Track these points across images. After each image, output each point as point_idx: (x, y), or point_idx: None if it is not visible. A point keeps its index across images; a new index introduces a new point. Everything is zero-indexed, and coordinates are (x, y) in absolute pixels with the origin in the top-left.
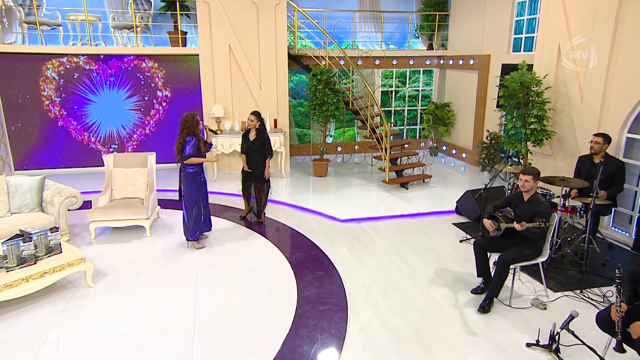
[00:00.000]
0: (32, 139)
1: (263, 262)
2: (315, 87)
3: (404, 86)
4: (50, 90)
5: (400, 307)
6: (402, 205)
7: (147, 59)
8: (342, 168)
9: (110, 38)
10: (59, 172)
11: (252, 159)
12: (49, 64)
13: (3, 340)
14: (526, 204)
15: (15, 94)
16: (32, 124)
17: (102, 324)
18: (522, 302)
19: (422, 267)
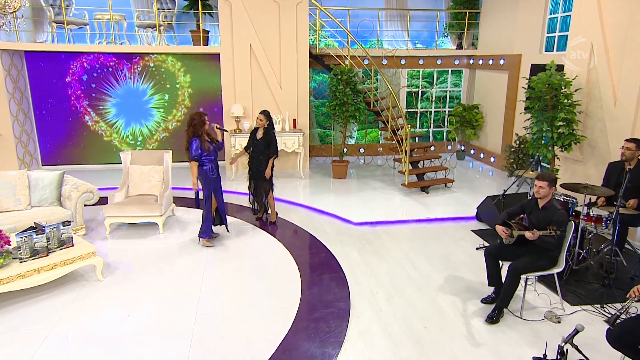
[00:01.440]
0: (59, 135)
1: (270, 263)
2: (336, 87)
3: (430, 87)
4: (76, 88)
5: (404, 314)
6: (420, 210)
7: (170, 58)
8: (363, 170)
9: (135, 37)
10: (83, 168)
11: (256, 158)
12: (76, 63)
13: (12, 327)
14: (541, 211)
15: (45, 91)
16: (59, 120)
17: (106, 317)
18: (534, 314)
19: (432, 273)
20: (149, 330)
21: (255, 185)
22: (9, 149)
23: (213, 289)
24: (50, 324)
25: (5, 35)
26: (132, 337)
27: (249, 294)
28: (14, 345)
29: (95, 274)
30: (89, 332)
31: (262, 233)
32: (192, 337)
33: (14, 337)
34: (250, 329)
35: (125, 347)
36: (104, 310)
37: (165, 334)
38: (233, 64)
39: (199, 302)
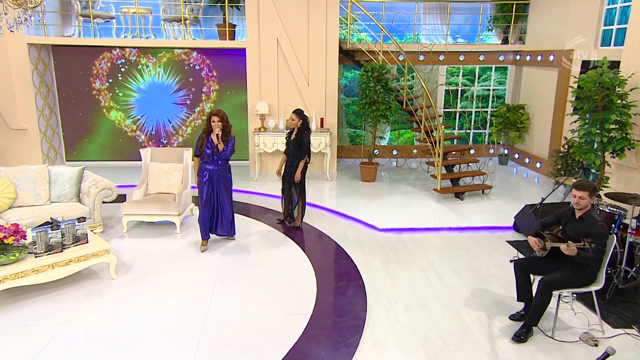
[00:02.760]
0: (83, 130)
1: (287, 267)
2: (366, 85)
3: (472, 85)
4: (101, 83)
5: (423, 326)
6: (452, 218)
7: (195, 52)
8: (395, 173)
9: (160, 31)
10: (106, 164)
11: (288, 160)
12: (101, 57)
13: (24, 322)
14: (577, 222)
15: (71, 85)
16: (83, 115)
17: (116, 317)
18: (569, 335)
19: (458, 285)
20: (158, 330)
21: (286, 189)
22: (34, 143)
23: (226, 292)
24: (61, 321)
25: (34, 30)
26: (141, 337)
27: (262, 299)
28: (24, 340)
29: (109, 272)
30: (98, 331)
31: (283, 237)
32: (200, 339)
33: (24, 332)
34: (260, 334)
35: (133, 347)
36: (115, 309)
37: (174, 336)
38: (259, 60)
39: (210, 304)
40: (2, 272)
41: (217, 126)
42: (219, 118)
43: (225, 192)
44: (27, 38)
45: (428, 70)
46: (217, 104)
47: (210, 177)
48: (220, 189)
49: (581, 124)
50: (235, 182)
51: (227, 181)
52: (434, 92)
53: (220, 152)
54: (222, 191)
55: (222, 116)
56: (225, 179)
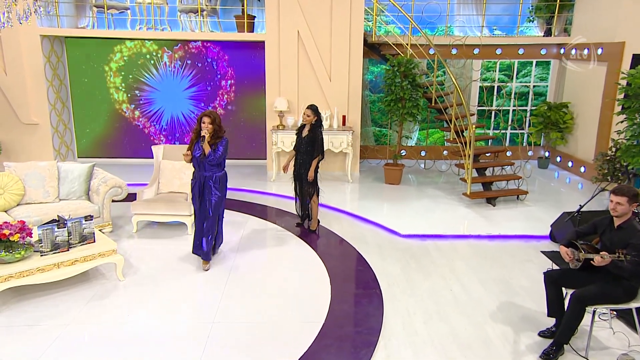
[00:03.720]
0: (96, 126)
1: (300, 273)
2: (392, 80)
3: (509, 81)
4: (115, 76)
5: (442, 340)
6: (481, 224)
7: (212, 45)
8: (422, 176)
9: (176, 22)
10: (118, 161)
11: (300, 158)
12: (115, 49)
13: (27, 321)
14: (616, 232)
15: (83, 79)
16: (96, 110)
17: (121, 319)
18: (605, 355)
19: (484, 297)
20: (163, 334)
21: (299, 188)
22: (45, 139)
23: (235, 296)
24: (65, 322)
25: (47, 21)
26: (146, 341)
27: (272, 305)
28: (27, 340)
29: (116, 273)
30: (103, 333)
31: (298, 241)
32: (206, 345)
33: (28, 332)
34: (268, 342)
35: (137, 350)
36: (120, 312)
37: (180, 340)
38: (279, 53)
39: (218, 308)
40: (7, 270)
41: (206, 128)
42: (210, 120)
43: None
44: (40, 29)
45: (461, 65)
46: (234, 100)
47: (199, 184)
48: (204, 200)
49: (629, 125)
50: (252, 183)
51: (212, 193)
52: (466, 88)
53: (207, 157)
54: (205, 203)
55: (214, 118)
56: (210, 190)
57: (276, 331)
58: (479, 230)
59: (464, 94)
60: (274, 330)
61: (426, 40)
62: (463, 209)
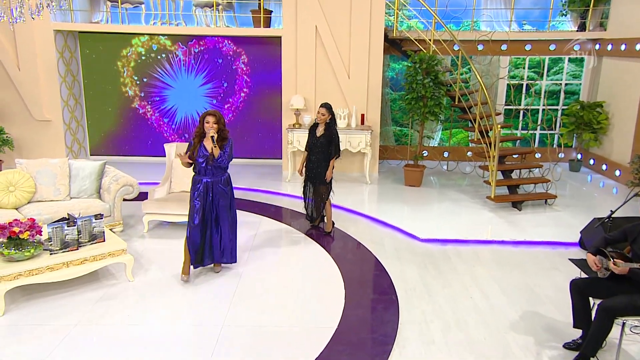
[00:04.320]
0: (109, 123)
1: (314, 276)
2: (413, 78)
3: (540, 78)
4: (128, 72)
5: (460, 350)
6: (506, 230)
7: (227, 41)
8: (445, 178)
9: (191, 17)
10: (132, 160)
11: (314, 158)
12: (128, 45)
13: (36, 321)
14: None
15: (97, 75)
16: (109, 107)
17: (130, 320)
18: None
19: (506, 306)
20: (172, 337)
21: (313, 190)
22: (57, 136)
23: (246, 300)
24: (73, 322)
25: (60, 15)
26: (154, 343)
27: (283, 309)
28: (35, 339)
29: (125, 273)
30: (110, 334)
31: (313, 244)
32: (215, 349)
33: (36, 331)
34: (279, 347)
35: (144, 353)
36: (129, 313)
37: (188, 343)
38: (296, 49)
39: (228, 312)
40: (17, 269)
41: (212, 128)
42: (216, 119)
43: (225, 210)
44: (54, 24)
45: (487, 62)
46: (249, 97)
47: (205, 190)
48: (219, 205)
49: None
50: (267, 183)
51: (226, 196)
52: (492, 86)
53: (217, 159)
54: (221, 208)
55: (219, 117)
56: (223, 194)
57: (287, 336)
58: (503, 236)
59: (490, 92)
60: (285, 335)
61: (450, 36)
62: (487, 213)
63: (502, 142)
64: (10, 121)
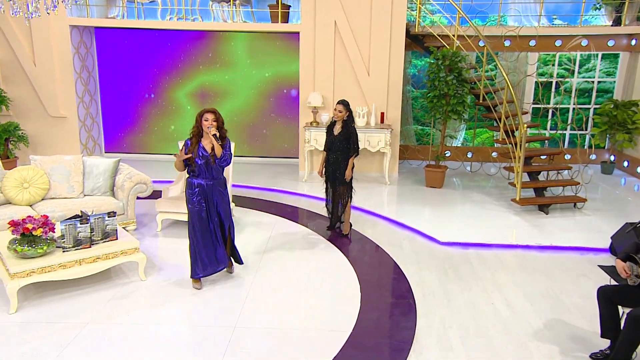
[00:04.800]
0: (124, 120)
1: (329, 279)
2: (435, 75)
3: (570, 76)
4: (144, 69)
5: (480, 358)
6: (531, 234)
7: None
8: (468, 179)
9: (208, 12)
10: (147, 157)
11: (332, 157)
12: (145, 40)
13: (48, 319)
14: None
15: (113, 71)
16: (125, 104)
17: (141, 320)
18: None
19: (530, 314)
20: (183, 338)
21: (332, 190)
22: (72, 133)
23: (259, 301)
24: (84, 321)
25: (76, 10)
26: (165, 344)
27: (297, 311)
28: (47, 338)
29: (138, 272)
30: (122, 334)
31: (328, 245)
32: (226, 351)
33: (48, 330)
34: (291, 350)
35: (154, 354)
36: (140, 313)
37: (199, 344)
38: (314, 45)
39: (241, 313)
40: (29, 265)
41: (212, 126)
42: (215, 116)
43: (224, 213)
44: (69, 19)
45: (514, 58)
46: (265, 93)
47: (203, 194)
48: (220, 210)
49: None
50: (283, 182)
51: (226, 199)
52: (519, 84)
53: (219, 159)
54: (222, 213)
55: (218, 114)
56: (223, 197)
57: (300, 339)
58: (528, 240)
59: (517, 90)
60: (298, 338)
61: (475, 32)
62: (511, 217)
63: (529, 142)
64: (25, 117)
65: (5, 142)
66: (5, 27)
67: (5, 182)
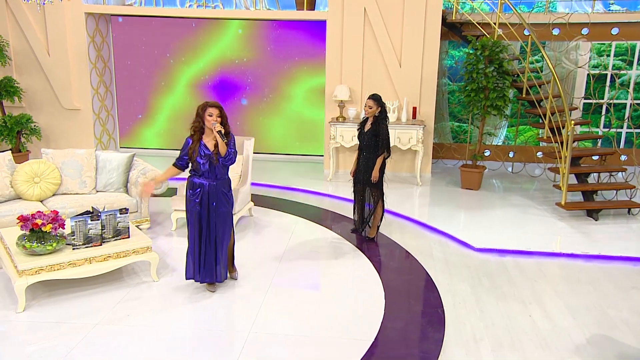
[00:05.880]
0: (141, 113)
1: (353, 285)
2: (474, 66)
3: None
4: (162, 60)
5: None
6: (578, 241)
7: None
8: (508, 181)
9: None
10: (162, 152)
11: (363, 156)
12: (163, 29)
13: (57, 319)
14: None
15: (129, 62)
16: (141, 96)
17: (151, 323)
18: None
19: (572, 328)
20: (195, 341)
21: (360, 191)
22: (86, 126)
23: (276, 306)
24: (93, 321)
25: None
26: (176, 347)
27: (316, 318)
28: (55, 338)
29: (150, 272)
30: (132, 336)
31: (353, 249)
32: (239, 356)
33: (56, 330)
34: (307, 358)
35: (166, 357)
36: (152, 315)
37: (211, 349)
38: (342, 34)
39: (256, 317)
40: (38, 263)
41: (216, 122)
42: (219, 111)
43: (225, 218)
44: (85, 7)
45: (563, 48)
46: (288, 87)
47: (205, 195)
48: (219, 213)
49: None
50: (306, 181)
51: (228, 201)
52: (568, 77)
53: (223, 158)
54: (221, 216)
55: (221, 110)
56: (226, 199)
57: (318, 346)
58: (574, 249)
59: (565, 84)
60: (316, 346)
61: (519, 19)
62: (555, 222)
63: (579, 141)
64: (38, 109)
65: (17, 135)
66: (19, 15)
67: (15, 176)
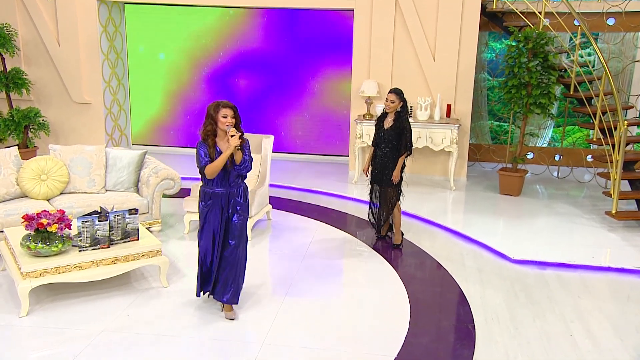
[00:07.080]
0: (154, 108)
1: (376, 295)
2: (515, 60)
3: None
4: (177, 50)
5: None
6: (629, 255)
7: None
8: (554, 187)
9: None
10: (178, 151)
11: (381, 154)
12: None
13: (60, 324)
14: None
15: (143, 53)
16: (156, 90)
17: (159, 331)
18: None
19: (619, 351)
20: (204, 352)
21: (379, 192)
22: (97, 121)
23: (292, 317)
24: (99, 328)
25: None
26: (185, 357)
27: (335, 331)
28: (58, 345)
29: (160, 277)
30: (138, 344)
31: (377, 257)
32: None
33: (60, 336)
34: None
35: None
36: (160, 323)
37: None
38: (370, 25)
39: (270, 328)
40: (43, 265)
41: (231, 125)
42: (234, 112)
43: (239, 230)
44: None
45: (619, 40)
46: (313, 83)
47: (218, 205)
48: (232, 223)
49: None
50: (329, 184)
51: (244, 211)
52: (623, 72)
53: (239, 165)
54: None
55: (236, 111)
56: (241, 209)
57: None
58: (624, 263)
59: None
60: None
61: (568, 8)
62: (604, 233)
63: (633, 143)
64: (47, 103)
65: (24, 130)
66: (29, 2)
67: (21, 174)
